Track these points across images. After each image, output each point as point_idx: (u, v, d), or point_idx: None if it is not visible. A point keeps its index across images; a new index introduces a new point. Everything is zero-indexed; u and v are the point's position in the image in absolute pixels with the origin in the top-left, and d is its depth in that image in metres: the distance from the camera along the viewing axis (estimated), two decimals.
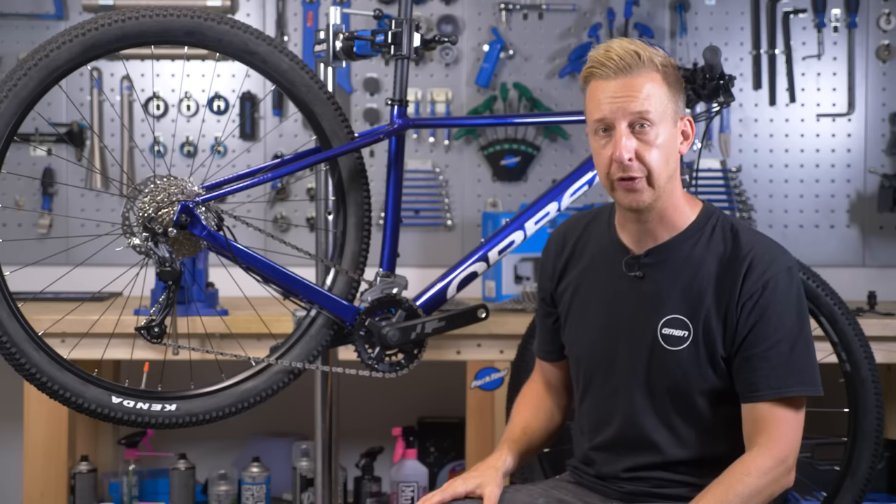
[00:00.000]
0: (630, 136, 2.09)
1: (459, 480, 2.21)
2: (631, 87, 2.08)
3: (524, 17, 3.90)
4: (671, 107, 2.12)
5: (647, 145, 2.09)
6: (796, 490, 3.40)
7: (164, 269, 2.25)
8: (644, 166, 2.09)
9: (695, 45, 3.87)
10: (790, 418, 2.11)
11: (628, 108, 2.08)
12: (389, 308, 2.50)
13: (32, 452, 3.31)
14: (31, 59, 2.15)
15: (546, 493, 2.28)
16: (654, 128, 2.09)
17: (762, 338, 2.10)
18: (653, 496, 2.20)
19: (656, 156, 2.09)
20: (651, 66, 2.09)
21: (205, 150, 3.90)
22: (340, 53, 2.65)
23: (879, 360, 2.88)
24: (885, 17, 3.86)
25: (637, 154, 2.09)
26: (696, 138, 2.23)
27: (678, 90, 2.14)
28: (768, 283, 2.11)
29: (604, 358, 2.22)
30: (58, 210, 3.88)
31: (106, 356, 2.93)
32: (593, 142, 2.15)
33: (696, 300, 2.14)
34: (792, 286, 2.13)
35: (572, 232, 2.35)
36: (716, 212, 2.23)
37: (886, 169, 3.86)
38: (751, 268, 2.12)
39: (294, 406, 3.44)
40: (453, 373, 3.44)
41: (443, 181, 3.92)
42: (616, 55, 2.08)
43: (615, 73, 2.09)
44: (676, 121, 2.14)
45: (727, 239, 2.17)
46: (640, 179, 2.10)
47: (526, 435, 2.35)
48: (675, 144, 2.14)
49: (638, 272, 2.19)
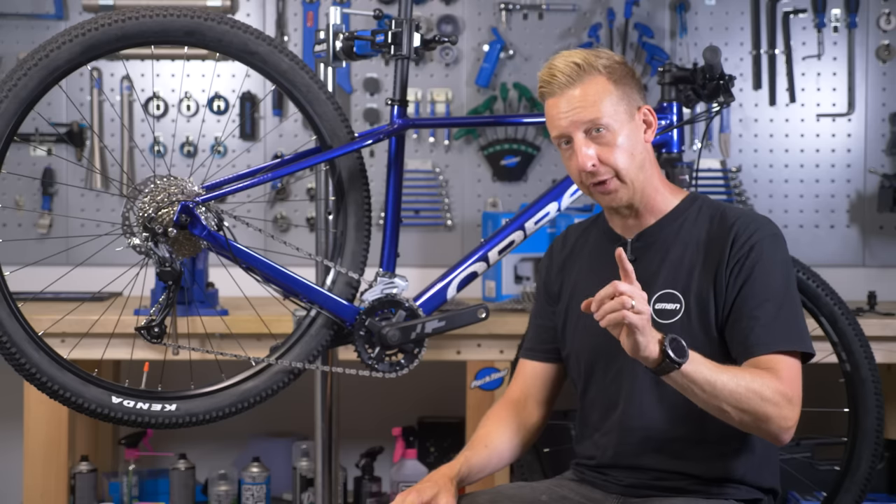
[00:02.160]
0: (588, 144, 2.19)
1: (414, 493, 2.20)
2: (578, 98, 2.19)
3: (524, 17, 3.90)
4: (623, 105, 2.21)
5: (607, 147, 2.19)
6: (796, 490, 3.40)
7: (164, 269, 2.25)
8: (609, 167, 2.20)
9: (695, 45, 3.87)
10: (789, 365, 2.13)
11: (580, 118, 2.19)
12: (389, 308, 2.50)
13: (32, 452, 3.31)
14: (31, 59, 2.15)
15: (549, 489, 2.30)
16: (611, 129, 2.19)
17: (750, 296, 2.16)
18: (652, 488, 2.21)
19: (618, 155, 2.19)
20: (593, 72, 2.20)
21: (205, 150, 3.90)
22: (340, 53, 2.65)
23: (879, 360, 2.88)
24: (885, 17, 3.86)
25: (600, 158, 2.19)
26: (695, 138, 2.25)
27: (628, 85, 2.23)
28: (754, 246, 2.19)
29: (605, 344, 2.24)
30: (58, 210, 3.88)
31: (106, 356, 2.93)
32: (562, 156, 2.27)
33: (685, 274, 2.22)
34: (777, 250, 2.21)
35: (573, 233, 2.45)
36: (701, 196, 2.33)
37: (886, 169, 3.86)
38: (737, 234, 2.20)
39: (294, 406, 3.44)
40: (453, 373, 3.44)
41: (443, 181, 3.92)
42: (558, 71, 2.21)
43: (560, 89, 2.21)
44: (633, 114, 2.23)
45: (714, 216, 2.26)
46: (611, 180, 2.21)
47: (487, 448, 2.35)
48: (637, 137, 2.23)
49: (631, 256, 2.24)
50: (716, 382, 2.03)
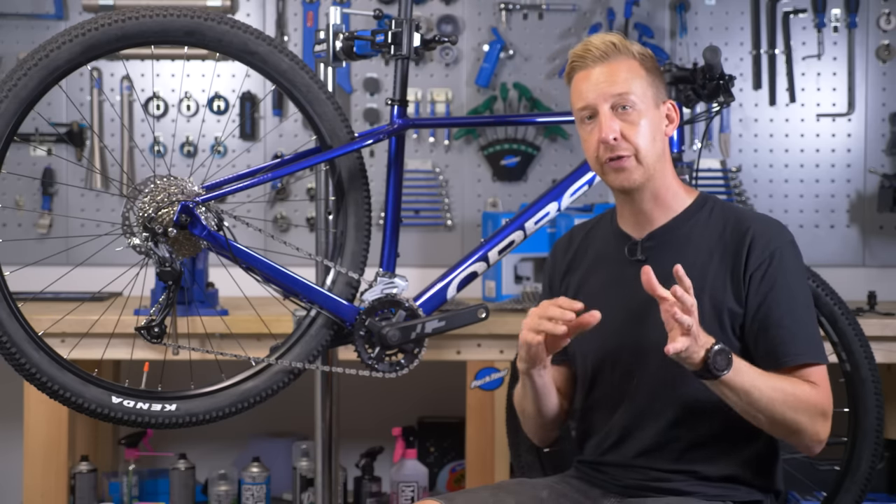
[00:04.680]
0: (613, 118, 2.18)
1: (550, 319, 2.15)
2: (610, 72, 2.19)
3: (524, 17, 3.90)
4: (651, 91, 2.21)
5: (631, 125, 2.18)
6: (796, 490, 3.40)
7: (164, 269, 2.25)
8: (630, 144, 2.18)
9: (695, 45, 3.87)
10: (821, 377, 2.16)
11: (609, 91, 2.18)
12: (389, 308, 2.50)
13: (32, 452, 3.31)
14: (31, 59, 2.14)
15: (550, 486, 2.30)
16: (636, 109, 2.18)
17: (775, 306, 2.16)
18: (651, 489, 2.21)
19: (642, 133, 2.18)
20: (628, 54, 2.20)
21: (205, 150, 3.90)
22: (340, 53, 2.65)
23: (879, 360, 2.88)
24: (885, 17, 3.86)
25: (622, 133, 2.18)
26: (695, 138, 2.25)
27: (657, 77, 2.23)
28: (775, 254, 2.18)
29: (613, 343, 2.25)
30: (58, 210, 3.88)
31: (106, 356, 2.94)
32: (581, 132, 2.24)
33: (699, 275, 2.17)
34: (798, 258, 2.22)
35: (578, 233, 2.43)
36: (712, 197, 2.31)
37: (886, 169, 3.86)
38: (754, 240, 2.19)
39: (294, 406, 3.44)
40: (453, 373, 3.44)
41: (443, 181, 3.92)
42: (594, 46, 2.20)
43: (594, 62, 2.20)
44: (658, 104, 2.23)
45: (727, 217, 2.25)
46: (629, 158, 2.18)
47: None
48: (660, 126, 2.23)
49: (641, 256, 2.23)
50: (752, 392, 2.05)
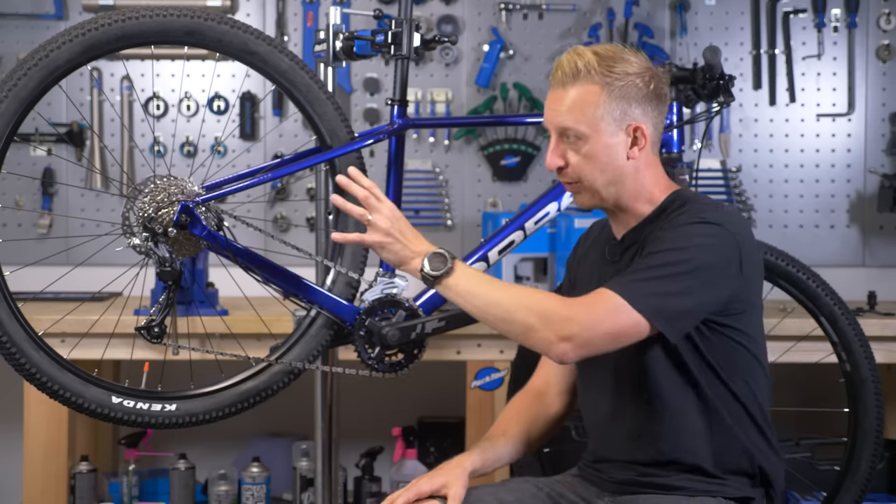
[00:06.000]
0: (558, 146, 2.17)
1: (425, 479, 2.23)
2: (561, 99, 2.15)
3: (524, 17, 3.91)
4: (611, 117, 2.12)
5: (574, 154, 2.15)
6: (796, 490, 3.40)
7: (164, 269, 2.25)
8: (575, 174, 2.16)
9: (695, 45, 3.87)
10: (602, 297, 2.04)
11: (556, 120, 2.16)
12: (389, 308, 2.50)
13: (32, 452, 3.31)
14: (31, 59, 2.15)
15: (550, 485, 2.31)
16: (582, 138, 2.13)
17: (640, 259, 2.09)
18: (641, 484, 2.20)
19: (584, 165, 2.14)
20: (588, 79, 2.12)
21: (205, 150, 3.90)
22: (340, 53, 2.66)
23: (879, 360, 2.88)
24: (885, 17, 3.86)
25: (567, 162, 2.16)
26: (695, 138, 2.24)
27: (626, 101, 2.12)
28: (673, 223, 2.10)
29: None
30: (58, 210, 3.88)
31: (106, 356, 2.94)
32: None
33: None
34: (694, 235, 2.08)
35: (595, 228, 2.41)
36: (683, 193, 2.21)
37: (886, 169, 3.86)
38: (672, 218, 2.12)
39: (294, 406, 3.44)
40: (453, 373, 3.44)
41: (443, 181, 3.92)
42: (561, 67, 2.15)
43: (557, 84, 2.17)
44: (620, 130, 2.13)
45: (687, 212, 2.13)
46: (576, 184, 2.18)
47: (504, 437, 2.35)
48: (618, 152, 2.14)
49: (614, 257, 2.23)
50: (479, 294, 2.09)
